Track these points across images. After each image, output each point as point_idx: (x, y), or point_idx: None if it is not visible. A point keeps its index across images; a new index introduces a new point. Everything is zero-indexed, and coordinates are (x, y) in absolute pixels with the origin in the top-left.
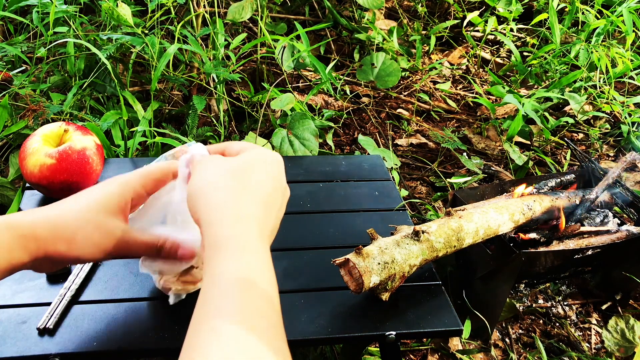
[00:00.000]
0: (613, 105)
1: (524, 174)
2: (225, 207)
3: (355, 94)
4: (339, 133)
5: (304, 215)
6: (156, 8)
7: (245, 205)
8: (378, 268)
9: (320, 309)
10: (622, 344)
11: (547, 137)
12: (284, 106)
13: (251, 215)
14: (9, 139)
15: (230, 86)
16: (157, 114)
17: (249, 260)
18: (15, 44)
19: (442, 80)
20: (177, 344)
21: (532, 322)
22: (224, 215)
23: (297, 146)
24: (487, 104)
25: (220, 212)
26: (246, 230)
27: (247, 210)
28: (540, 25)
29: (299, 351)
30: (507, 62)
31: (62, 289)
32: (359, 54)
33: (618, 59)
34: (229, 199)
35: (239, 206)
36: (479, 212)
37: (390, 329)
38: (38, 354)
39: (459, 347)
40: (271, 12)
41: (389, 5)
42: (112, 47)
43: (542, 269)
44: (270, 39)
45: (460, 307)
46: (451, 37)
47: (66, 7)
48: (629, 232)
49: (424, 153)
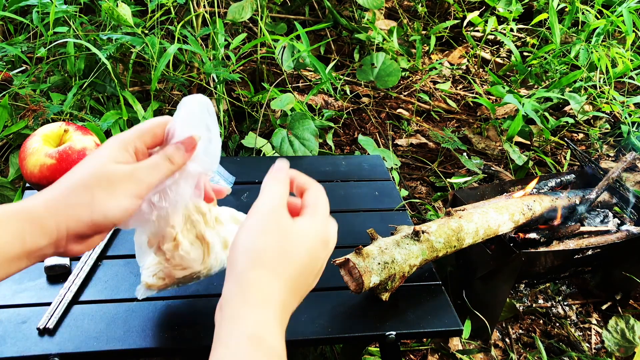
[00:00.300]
0: (613, 105)
1: (524, 174)
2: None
3: (355, 94)
4: (339, 133)
5: None
6: (156, 8)
7: (291, 294)
8: (378, 268)
9: (320, 309)
10: (622, 344)
11: (547, 137)
12: (284, 106)
13: (287, 305)
14: (9, 139)
15: (230, 86)
16: (157, 114)
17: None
18: (15, 44)
19: (442, 80)
20: (177, 344)
21: (532, 322)
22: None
23: (297, 146)
24: (487, 104)
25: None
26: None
27: (288, 300)
28: (540, 25)
29: (299, 351)
30: (507, 62)
31: (62, 289)
32: (359, 54)
33: (618, 59)
34: (290, 286)
35: (289, 294)
36: (479, 212)
37: (390, 329)
38: (38, 354)
39: (459, 347)
40: (271, 12)
41: (389, 5)
42: (112, 47)
43: (542, 269)
44: (270, 39)
45: (460, 307)
46: (451, 37)
47: (66, 7)
48: (629, 232)
49: (424, 153)
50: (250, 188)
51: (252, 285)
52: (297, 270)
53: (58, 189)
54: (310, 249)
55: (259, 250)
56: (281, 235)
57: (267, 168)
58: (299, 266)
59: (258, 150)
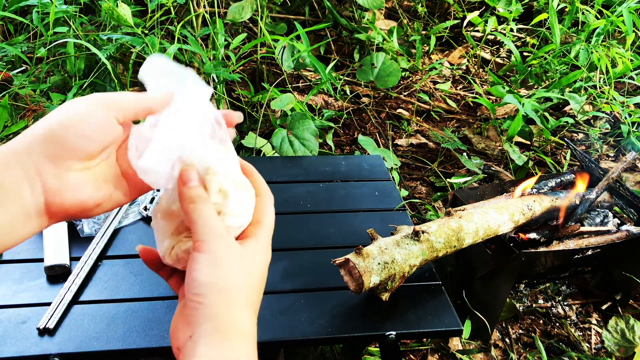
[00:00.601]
0: (613, 105)
1: (524, 174)
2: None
3: (355, 94)
4: (339, 133)
5: (304, 215)
6: (156, 8)
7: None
8: (378, 268)
9: (320, 309)
10: (622, 344)
11: (547, 137)
12: (284, 106)
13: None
14: (9, 139)
15: (230, 86)
16: None
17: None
18: (15, 44)
19: (442, 81)
20: None
21: (532, 322)
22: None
23: (297, 146)
24: (487, 104)
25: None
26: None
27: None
28: (540, 25)
29: (299, 351)
30: (507, 62)
31: (62, 289)
32: (359, 54)
33: (618, 59)
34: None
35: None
36: (479, 212)
37: (390, 329)
38: (38, 354)
39: (459, 347)
40: (271, 12)
41: (389, 5)
42: (112, 47)
43: (542, 269)
44: (270, 39)
45: (460, 307)
46: (451, 37)
47: (66, 7)
48: (629, 232)
49: (424, 153)
50: None
51: (230, 324)
52: (257, 295)
53: (45, 121)
54: (264, 269)
55: (228, 286)
56: (240, 267)
57: (267, 168)
58: (259, 290)
59: (258, 150)
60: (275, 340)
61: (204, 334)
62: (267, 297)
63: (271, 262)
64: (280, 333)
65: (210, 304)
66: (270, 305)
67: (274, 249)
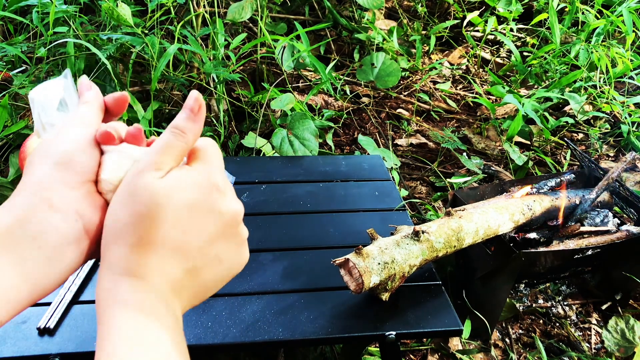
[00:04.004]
0: (613, 105)
1: (524, 174)
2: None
3: (355, 94)
4: (339, 133)
5: (304, 215)
6: (156, 8)
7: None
8: (378, 268)
9: (320, 309)
10: (622, 344)
11: (547, 137)
12: (284, 106)
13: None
14: (9, 139)
15: (230, 86)
16: (157, 114)
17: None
18: (15, 44)
19: (442, 80)
20: None
21: (532, 322)
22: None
23: (297, 146)
24: (487, 104)
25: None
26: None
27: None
28: (540, 25)
29: (299, 351)
30: (507, 62)
31: (62, 289)
32: (359, 54)
33: (618, 59)
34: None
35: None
36: (479, 212)
37: (390, 329)
38: (38, 354)
39: (459, 347)
40: (271, 12)
41: (389, 5)
42: (112, 47)
43: (542, 269)
44: (270, 39)
45: (460, 307)
46: (451, 37)
47: (66, 7)
48: (629, 232)
49: (424, 153)
50: (250, 188)
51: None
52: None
53: (8, 204)
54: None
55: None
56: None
57: (267, 168)
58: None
59: (258, 150)
60: (275, 340)
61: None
62: (267, 297)
63: (271, 262)
64: (280, 333)
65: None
66: (270, 305)
67: (275, 249)
